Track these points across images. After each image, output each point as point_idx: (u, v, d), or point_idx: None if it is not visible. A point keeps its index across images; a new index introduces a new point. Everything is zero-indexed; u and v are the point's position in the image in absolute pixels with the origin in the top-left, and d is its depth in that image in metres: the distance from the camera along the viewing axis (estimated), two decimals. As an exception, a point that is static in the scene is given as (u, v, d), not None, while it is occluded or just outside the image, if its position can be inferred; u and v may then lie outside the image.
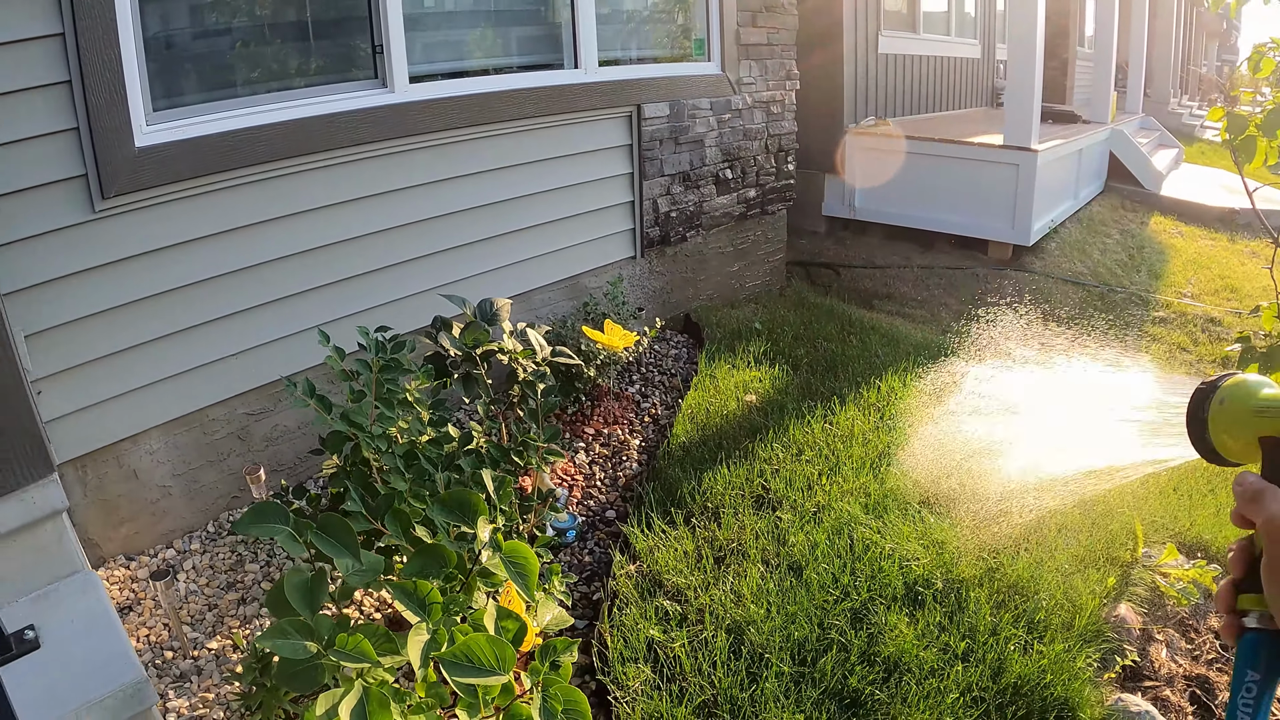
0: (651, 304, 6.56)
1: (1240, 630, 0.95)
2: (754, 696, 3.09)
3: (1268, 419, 1.01)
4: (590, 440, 4.90)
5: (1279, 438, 1.00)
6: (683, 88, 6.45)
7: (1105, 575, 3.77)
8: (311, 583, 2.05)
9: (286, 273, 4.34)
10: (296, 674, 1.96)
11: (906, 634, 3.35)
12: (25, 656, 2.51)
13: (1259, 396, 1.04)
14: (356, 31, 4.70)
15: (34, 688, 2.47)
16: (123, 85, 3.61)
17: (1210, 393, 1.09)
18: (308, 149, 4.28)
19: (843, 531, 3.96)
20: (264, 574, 3.84)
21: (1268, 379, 1.08)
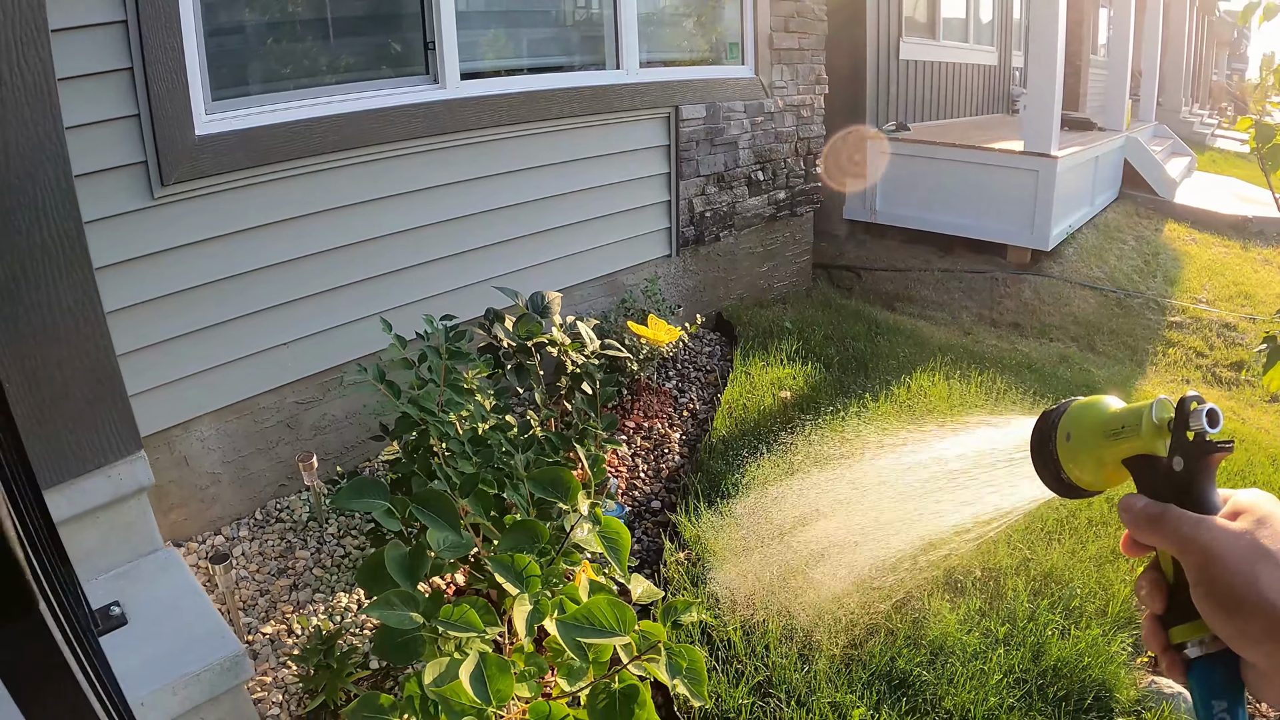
0: (685, 302, 6.66)
1: (1186, 664, 0.87)
2: (807, 677, 3.22)
3: (1125, 439, 0.93)
4: (631, 433, 5.01)
5: (1145, 455, 0.92)
6: (718, 90, 6.58)
7: (1135, 566, 3.89)
8: (411, 557, 2.15)
9: (337, 264, 4.44)
10: (399, 645, 2.05)
11: (949, 619, 3.48)
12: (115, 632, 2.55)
13: (1107, 416, 0.96)
14: (409, 28, 4.82)
15: (128, 663, 2.44)
16: (184, 74, 3.69)
17: (1052, 430, 1.02)
18: (361, 142, 4.38)
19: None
20: (314, 560, 3.90)
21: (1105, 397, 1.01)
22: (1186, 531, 0.84)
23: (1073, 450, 0.98)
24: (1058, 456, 1.00)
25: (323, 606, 3.62)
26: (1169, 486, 0.88)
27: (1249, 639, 0.78)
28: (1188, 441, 0.87)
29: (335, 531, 4.08)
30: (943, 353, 6.35)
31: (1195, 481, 0.87)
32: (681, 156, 6.28)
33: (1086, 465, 0.97)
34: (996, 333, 7.68)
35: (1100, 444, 0.95)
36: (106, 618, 2.58)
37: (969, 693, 3.15)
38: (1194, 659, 0.85)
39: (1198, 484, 0.87)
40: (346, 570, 3.83)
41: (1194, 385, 7.13)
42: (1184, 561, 0.84)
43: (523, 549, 2.18)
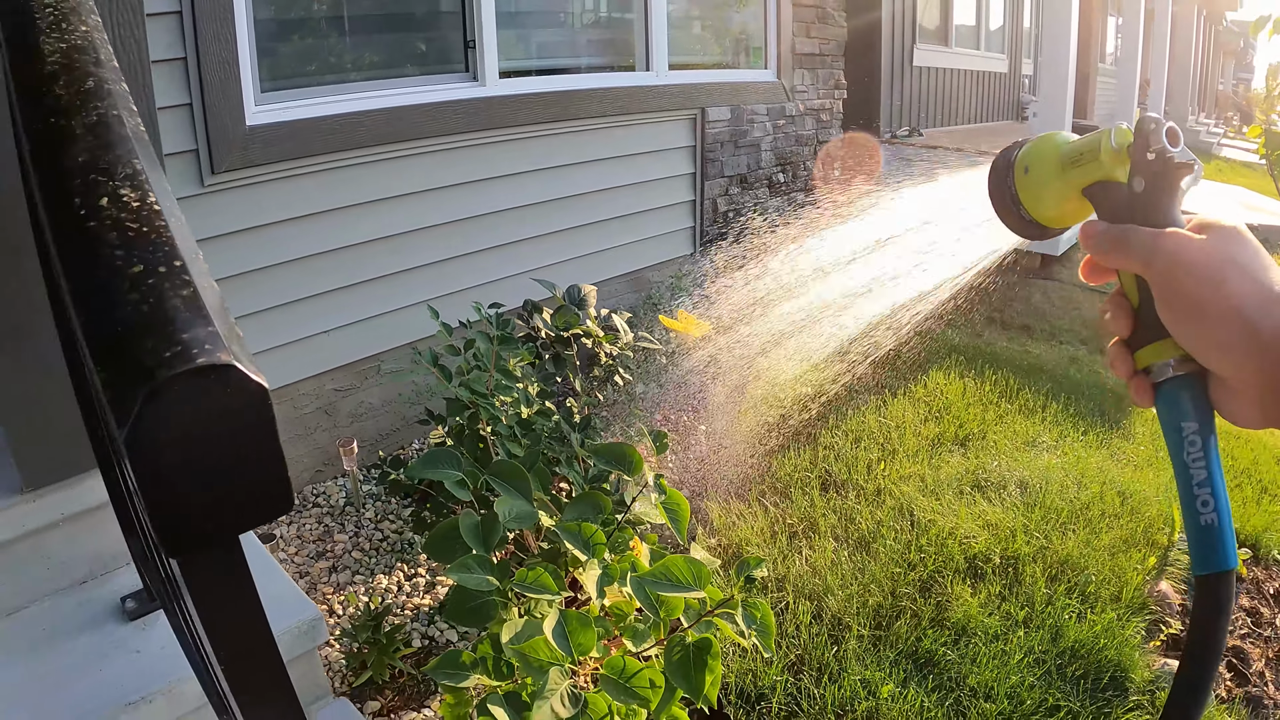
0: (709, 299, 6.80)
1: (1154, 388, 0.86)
2: (837, 656, 3.38)
3: (1083, 167, 0.92)
4: (659, 424, 5.16)
5: (1105, 181, 0.90)
6: (743, 93, 6.74)
7: (1146, 556, 4.06)
8: (484, 524, 2.30)
9: (378, 254, 4.59)
10: (472, 608, 2.20)
11: (971, 602, 3.64)
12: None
13: (1065, 147, 0.95)
14: (450, 26, 4.98)
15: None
16: (236, 65, 3.83)
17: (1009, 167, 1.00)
18: (402, 136, 4.53)
19: (904, 511, 4.26)
20: (353, 544, 4.03)
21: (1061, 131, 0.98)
22: (1151, 244, 0.84)
23: (1032, 184, 0.98)
24: (1016, 192, 0.99)
25: (363, 588, 3.74)
26: (1131, 209, 0.88)
27: (1216, 347, 0.80)
28: (1148, 161, 0.86)
29: (372, 516, 4.22)
30: (956, 353, 6.50)
31: (1158, 201, 0.86)
32: (706, 157, 6.45)
33: (1047, 199, 0.97)
34: (1007, 334, 7.81)
35: (1059, 174, 0.94)
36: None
37: (991, 671, 3.31)
38: (1161, 381, 0.86)
39: (1161, 203, 0.86)
40: (385, 553, 3.97)
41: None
42: (1149, 276, 0.84)
43: (587, 518, 2.33)
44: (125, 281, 0.73)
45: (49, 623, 2.40)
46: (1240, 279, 0.79)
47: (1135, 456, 5.19)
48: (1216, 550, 0.79)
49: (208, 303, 0.73)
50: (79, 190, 0.82)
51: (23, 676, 2.21)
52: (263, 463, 0.72)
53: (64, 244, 0.80)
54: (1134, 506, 4.42)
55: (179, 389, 0.66)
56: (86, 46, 1.01)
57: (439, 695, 3.16)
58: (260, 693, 1.00)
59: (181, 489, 0.68)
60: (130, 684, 2.18)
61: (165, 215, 0.80)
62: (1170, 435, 0.83)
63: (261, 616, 0.95)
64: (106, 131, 0.90)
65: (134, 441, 0.65)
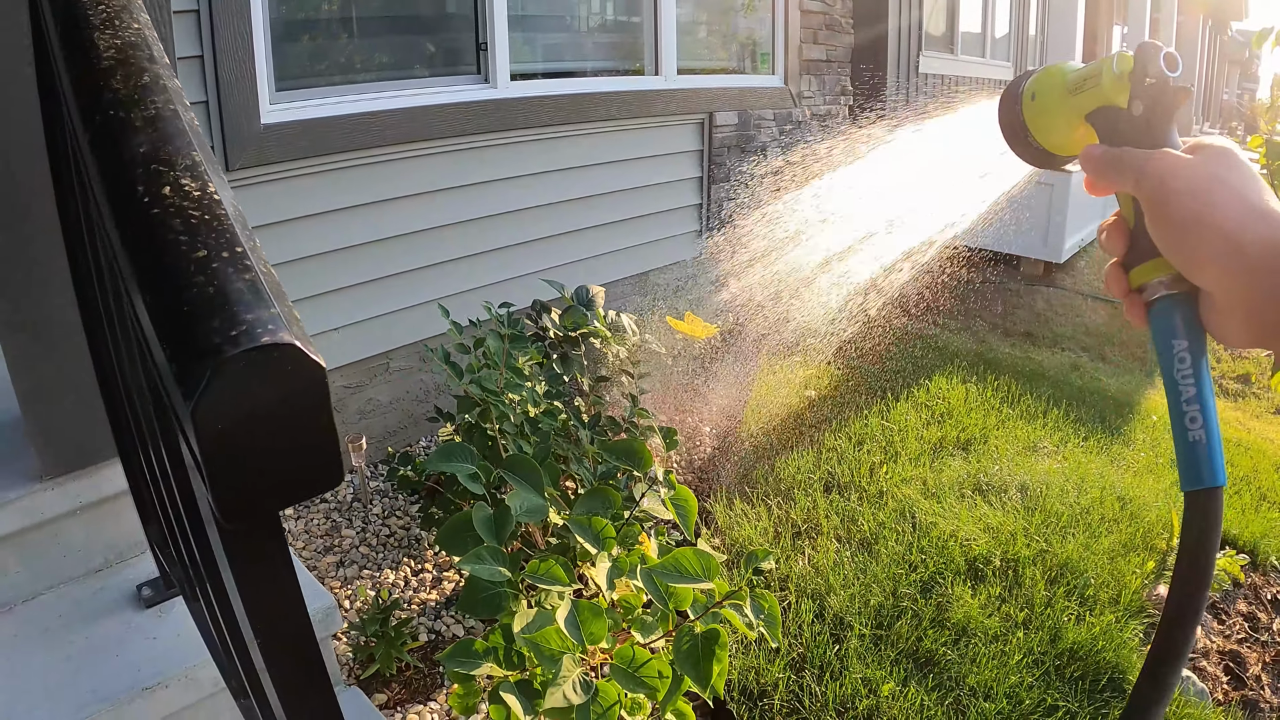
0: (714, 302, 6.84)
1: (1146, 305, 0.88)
2: (839, 654, 3.42)
3: (1086, 93, 0.94)
4: (664, 424, 5.20)
5: (1107, 107, 0.93)
6: (750, 99, 6.78)
7: (1145, 560, 4.10)
8: (497, 517, 2.34)
9: (388, 253, 4.62)
10: (485, 599, 2.24)
11: (971, 604, 3.68)
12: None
13: (1070, 74, 0.97)
14: (462, 28, 5.02)
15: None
16: (252, 63, 3.87)
17: (1017, 94, 1.03)
18: (414, 137, 4.57)
19: (905, 514, 4.30)
20: (360, 539, 4.06)
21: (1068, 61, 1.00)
22: (1142, 164, 0.86)
23: (1038, 110, 1.01)
24: (1024, 119, 1.02)
25: (370, 583, 3.77)
26: (1130, 131, 0.90)
27: (1203, 262, 0.81)
28: (1147, 86, 0.88)
29: (380, 512, 4.26)
30: (959, 358, 6.55)
31: (1154, 123, 0.89)
32: (714, 161, 6.49)
33: (1052, 125, 1.00)
34: (1010, 341, 7.86)
35: (1064, 100, 0.97)
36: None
37: (991, 671, 3.35)
38: (1153, 300, 0.87)
39: (1157, 126, 0.89)
40: (392, 549, 4.00)
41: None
42: (1140, 194, 0.86)
43: (597, 513, 2.37)
44: (190, 265, 0.77)
45: (66, 609, 2.43)
46: (1227, 196, 0.81)
47: (1135, 462, 5.24)
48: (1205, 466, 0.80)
49: (268, 287, 0.77)
50: (141, 179, 0.86)
51: (41, 661, 2.25)
52: (318, 438, 0.76)
53: (127, 230, 0.84)
54: (1133, 511, 4.47)
55: (244, 365, 0.70)
56: (140, 43, 1.06)
57: (445, 689, 3.20)
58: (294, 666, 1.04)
59: (243, 461, 0.73)
60: (146, 669, 2.22)
61: (224, 204, 0.85)
62: (1162, 353, 0.85)
63: (298, 591, 0.99)
64: (165, 124, 0.95)
65: (200, 414, 0.69)
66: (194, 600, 1.97)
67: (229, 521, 0.76)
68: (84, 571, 2.55)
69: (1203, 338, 0.84)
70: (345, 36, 4.65)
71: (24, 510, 2.39)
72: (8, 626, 2.37)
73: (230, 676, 1.80)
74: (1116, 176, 0.89)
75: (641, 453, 2.44)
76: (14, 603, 2.44)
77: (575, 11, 6.07)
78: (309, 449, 0.76)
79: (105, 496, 2.51)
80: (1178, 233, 0.82)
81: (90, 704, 2.11)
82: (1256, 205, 0.79)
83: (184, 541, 1.63)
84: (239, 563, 0.94)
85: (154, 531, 2.31)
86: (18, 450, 2.51)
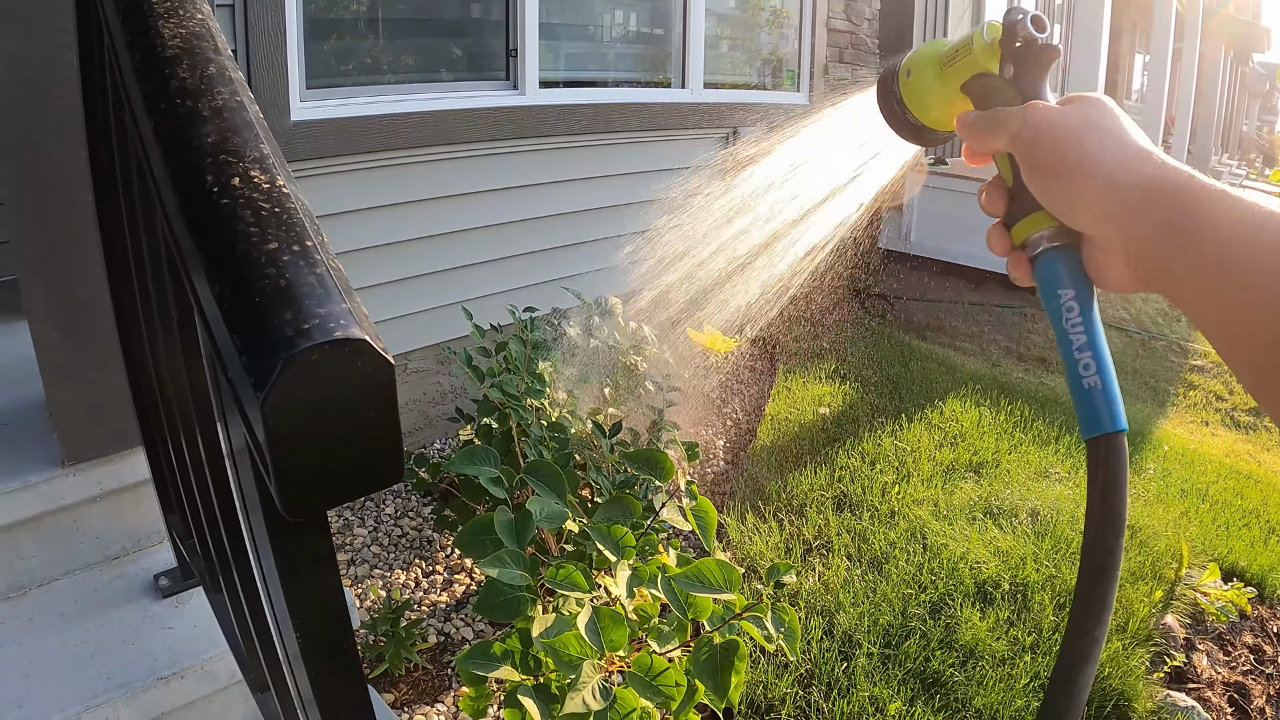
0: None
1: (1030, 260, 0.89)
2: (847, 672, 3.42)
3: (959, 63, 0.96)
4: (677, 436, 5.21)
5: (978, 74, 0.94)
6: (775, 115, 6.77)
7: (1153, 589, 4.09)
8: (518, 522, 2.34)
9: (412, 254, 4.64)
10: (502, 603, 2.24)
11: (980, 626, 3.68)
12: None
13: (942, 50, 0.99)
14: (493, 34, 5.04)
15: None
16: (284, 60, 3.88)
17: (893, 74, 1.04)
18: (442, 140, 4.57)
19: (916, 534, 4.30)
20: (372, 538, 4.07)
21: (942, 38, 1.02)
22: (1015, 116, 0.88)
23: (914, 87, 1.02)
24: (901, 96, 1.03)
25: (380, 582, 3.78)
26: (1004, 93, 0.92)
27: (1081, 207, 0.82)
28: (1016, 49, 0.91)
29: (392, 512, 4.27)
30: (972, 382, 6.54)
31: (1025, 83, 0.91)
32: (735, 176, 6.48)
33: (930, 100, 1.01)
34: (1023, 366, 7.86)
35: (939, 74, 0.98)
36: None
37: (997, 694, 3.35)
38: (1037, 254, 0.88)
39: (1028, 85, 0.91)
40: (404, 549, 4.01)
41: (1213, 427, 7.32)
42: (1015, 148, 0.88)
43: (617, 521, 2.37)
44: (261, 257, 0.78)
45: (82, 595, 2.44)
46: (1099, 139, 0.82)
47: (1145, 492, 5.24)
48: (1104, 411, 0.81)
49: (337, 282, 0.78)
50: (210, 169, 0.87)
51: (55, 645, 2.25)
52: (384, 435, 0.76)
53: (195, 219, 0.85)
54: (1142, 540, 4.46)
55: (317, 359, 0.71)
56: (204, 34, 1.06)
57: (453, 691, 3.20)
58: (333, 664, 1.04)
59: (309, 455, 0.73)
60: (163, 659, 2.23)
61: (293, 199, 0.85)
62: (1049, 304, 0.86)
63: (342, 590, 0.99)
64: (232, 115, 0.95)
65: (270, 406, 0.70)
66: (216, 592, 1.98)
67: (291, 515, 0.76)
68: (101, 558, 2.56)
69: (1089, 286, 0.85)
70: (376, 38, 4.67)
71: (44, 495, 2.40)
72: (23, 610, 2.38)
73: (251, 670, 1.81)
74: (991, 135, 0.90)
75: (664, 463, 2.44)
76: (30, 586, 2.45)
77: (604, 22, 6.09)
78: (374, 445, 0.76)
79: (126, 484, 2.52)
80: (1054, 180, 0.84)
81: (104, 690, 2.11)
82: (1131, 146, 0.81)
83: (213, 534, 1.64)
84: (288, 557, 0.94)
85: (176, 522, 2.32)
86: (41, 434, 2.52)
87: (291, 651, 1.05)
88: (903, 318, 8.84)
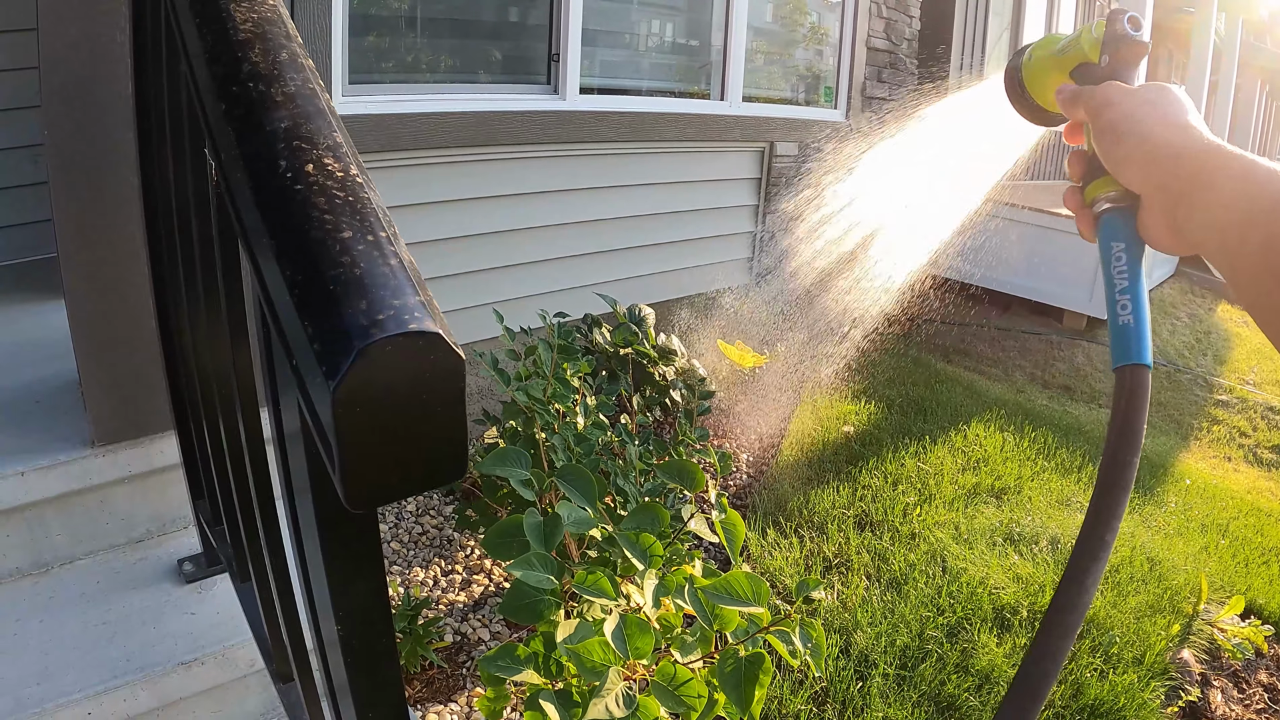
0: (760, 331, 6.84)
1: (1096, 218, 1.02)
2: (862, 691, 3.40)
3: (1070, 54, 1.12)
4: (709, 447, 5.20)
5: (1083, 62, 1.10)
6: (812, 130, 6.79)
7: (1171, 623, 4.06)
8: (547, 525, 2.34)
9: (446, 253, 4.64)
10: (526, 605, 2.23)
11: (996, 652, 3.65)
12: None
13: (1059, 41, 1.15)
14: (535, 38, 5.04)
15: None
16: (329, 54, 3.90)
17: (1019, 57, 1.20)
18: (481, 141, 4.58)
19: (936, 557, 4.28)
20: (392, 535, 4.05)
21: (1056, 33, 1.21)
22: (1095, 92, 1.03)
23: (1034, 71, 1.18)
24: (1022, 77, 1.20)
25: (399, 580, 3.76)
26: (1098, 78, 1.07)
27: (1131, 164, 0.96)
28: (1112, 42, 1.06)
29: (413, 510, 4.26)
30: (996, 406, 6.50)
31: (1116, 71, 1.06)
32: (770, 191, 6.48)
33: (1045, 82, 1.17)
34: (1048, 393, 7.82)
35: (1055, 62, 1.14)
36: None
37: (1013, 722, 3.32)
38: (1101, 211, 1.02)
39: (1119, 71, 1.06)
40: (424, 547, 4.00)
41: (1235, 463, 7.26)
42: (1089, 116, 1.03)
43: (645, 529, 2.36)
44: (336, 244, 0.77)
45: (104, 575, 2.44)
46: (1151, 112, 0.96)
47: (1166, 525, 5.20)
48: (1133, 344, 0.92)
49: (411, 274, 0.77)
50: (284, 154, 0.86)
51: (76, 624, 2.26)
52: (451, 430, 0.76)
53: (267, 203, 0.84)
54: (1162, 573, 4.43)
55: (390, 350, 0.70)
56: (276, 19, 1.06)
57: (467, 691, 3.19)
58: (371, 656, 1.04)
59: (376, 445, 0.73)
60: (184, 644, 2.23)
61: (366, 189, 0.85)
62: (1104, 254, 0.98)
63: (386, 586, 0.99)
64: (305, 102, 0.95)
65: (341, 394, 0.69)
66: (244, 580, 1.97)
67: (354, 506, 0.75)
68: (126, 540, 2.56)
69: (1139, 243, 0.98)
70: (419, 36, 4.68)
71: (72, 474, 2.41)
72: (46, 588, 2.38)
73: (276, 660, 1.80)
74: (1076, 105, 1.06)
75: (694, 473, 2.43)
76: (53, 565, 2.46)
77: (647, 30, 6.09)
78: (441, 440, 0.76)
79: (155, 468, 2.52)
80: (1113, 144, 0.98)
81: (123, 672, 2.12)
82: (1175, 121, 0.94)
83: (246, 520, 1.63)
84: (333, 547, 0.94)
85: (204, 507, 2.32)
86: (73, 413, 2.52)
87: (328, 639, 1.05)
88: (929, 340, 8.81)
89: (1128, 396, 0.90)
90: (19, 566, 2.42)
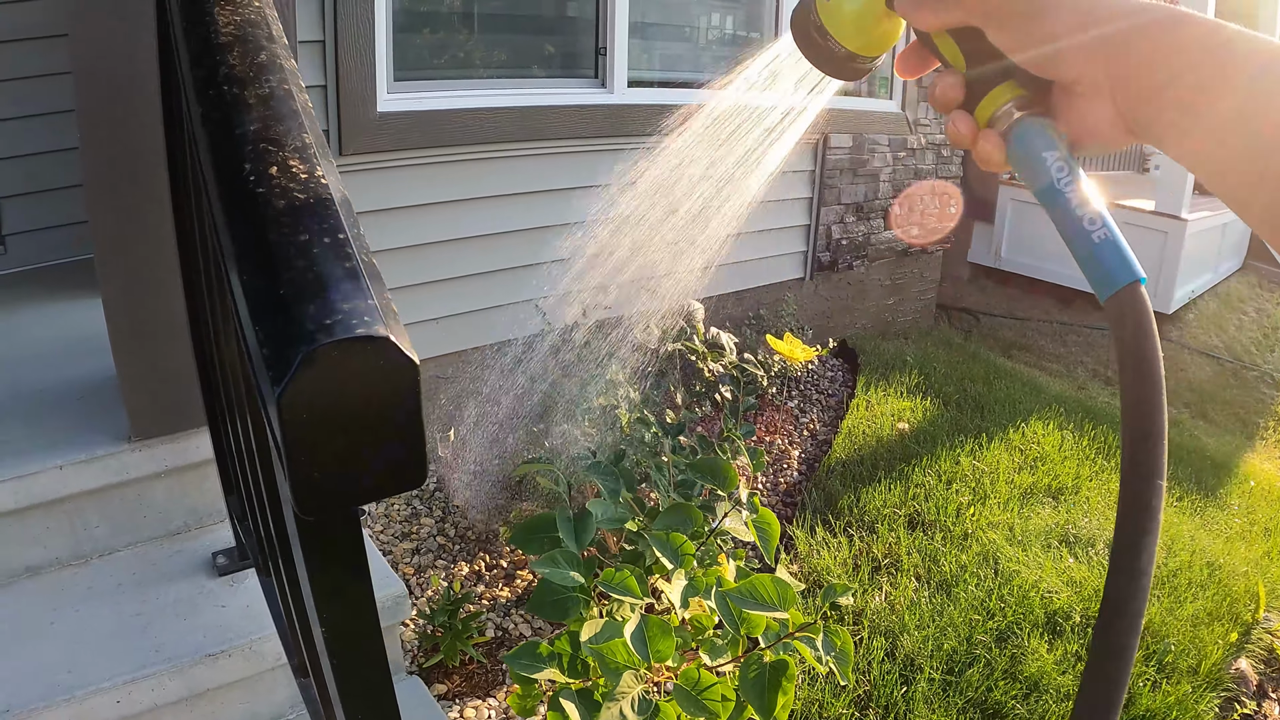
0: (812, 326, 6.78)
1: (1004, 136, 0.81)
2: (906, 697, 3.36)
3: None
4: (752, 442, 5.16)
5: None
6: (866, 122, 6.72)
7: (1229, 631, 3.98)
8: (579, 520, 2.32)
9: (493, 249, 4.65)
10: (554, 602, 2.23)
11: (1046, 659, 3.59)
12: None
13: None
14: (582, 31, 5.03)
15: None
16: (372, 51, 3.91)
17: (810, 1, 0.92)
18: (528, 136, 4.58)
19: (989, 559, 4.21)
20: (438, 529, 4.07)
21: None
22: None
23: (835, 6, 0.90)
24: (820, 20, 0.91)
25: (443, 573, 3.77)
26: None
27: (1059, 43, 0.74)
28: None
29: (460, 504, 4.27)
30: (1056, 403, 6.40)
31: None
32: (825, 183, 6.43)
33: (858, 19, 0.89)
34: (1110, 390, 7.70)
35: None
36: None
37: (1060, 730, 3.28)
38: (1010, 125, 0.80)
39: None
40: (470, 541, 4.00)
41: (1304, 466, 7.11)
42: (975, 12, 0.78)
43: (677, 529, 2.34)
44: (291, 248, 0.76)
45: (140, 567, 2.47)
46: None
47: (1228, 528, 5.10)
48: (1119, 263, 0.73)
49: (368, 276, 0.76)
50: (249, 157, 0.85)
51: (110, 614, 2.29)
52: (405, 438, 0.74)
53: (230, 206, 0.83)
54: (1221, 579, 4.34)
55: (336, 355, 0.69)
56: (259, 21, 1.05)
57: (506, 687, 3.19)
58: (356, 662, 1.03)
59: (325, 454, 0.71)
60: (212, 636, 2.25)
61: (331, 190, 0.83)
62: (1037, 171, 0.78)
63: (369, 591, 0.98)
64: (278, 104, 0.94)
65: (285, 402, 0.68)
66: (266, 574, 1.98)
67: (305, 514, 0.74)
68: (162, 533, 2.59)
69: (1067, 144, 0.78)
70: (464, 32, 4.69)
71: (110, 468, 2.44)
72: (84, 578, 2.42)
73: (293, 655, 1.81)
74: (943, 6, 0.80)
75: (726, 472, 2.40)
76: (91, 556, 2.49)
77: (693, 22, 6.05)
78: (395, 448, 0.74)
79: (191, 463, 2.55)
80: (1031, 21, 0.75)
81: (153, 662, 2.14)
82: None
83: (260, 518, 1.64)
84: (313, 554, 0.93)
85: (234, 503, 2.33)
86: (111, 409, 2.55)
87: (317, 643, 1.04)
88: (989, 334, 8.72)
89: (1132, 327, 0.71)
90: (59, 557, 2.46)
